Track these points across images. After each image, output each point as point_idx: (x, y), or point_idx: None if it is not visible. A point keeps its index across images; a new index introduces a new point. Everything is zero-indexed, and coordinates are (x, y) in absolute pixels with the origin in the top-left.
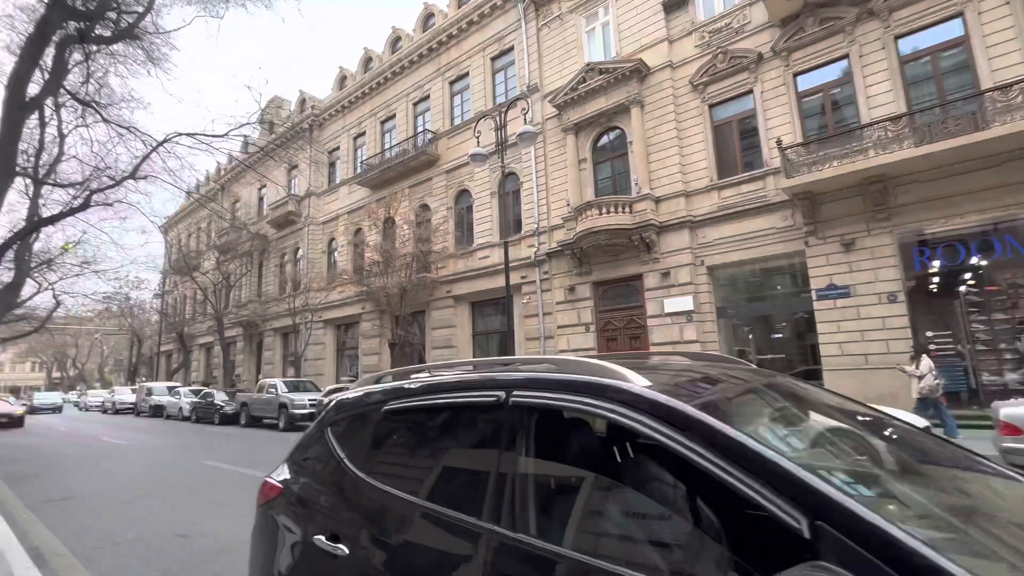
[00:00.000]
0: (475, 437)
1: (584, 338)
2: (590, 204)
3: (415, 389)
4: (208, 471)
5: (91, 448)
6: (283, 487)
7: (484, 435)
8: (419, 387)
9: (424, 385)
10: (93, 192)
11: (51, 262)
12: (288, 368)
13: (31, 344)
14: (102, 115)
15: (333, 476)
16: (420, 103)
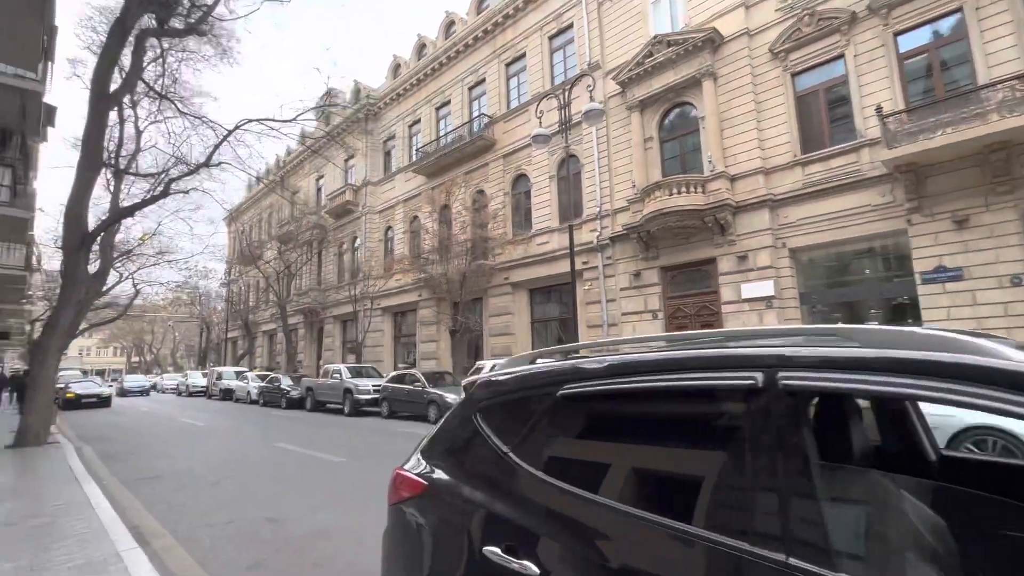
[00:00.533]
0: (713, 432)
1: (651, 326)
2: (659, 184)
3: (599, 370)
4: (284, 454)
5: (172, 429)
6: (427, 483)
7: (727, 430)
8: (605, 368)
9: (612, 365)
10: (171, 180)
11: (130, 252)
12: (347, 355)
13: (113, 331)
14: (178, 106)
15: (495, 472)
16: (475, 87)
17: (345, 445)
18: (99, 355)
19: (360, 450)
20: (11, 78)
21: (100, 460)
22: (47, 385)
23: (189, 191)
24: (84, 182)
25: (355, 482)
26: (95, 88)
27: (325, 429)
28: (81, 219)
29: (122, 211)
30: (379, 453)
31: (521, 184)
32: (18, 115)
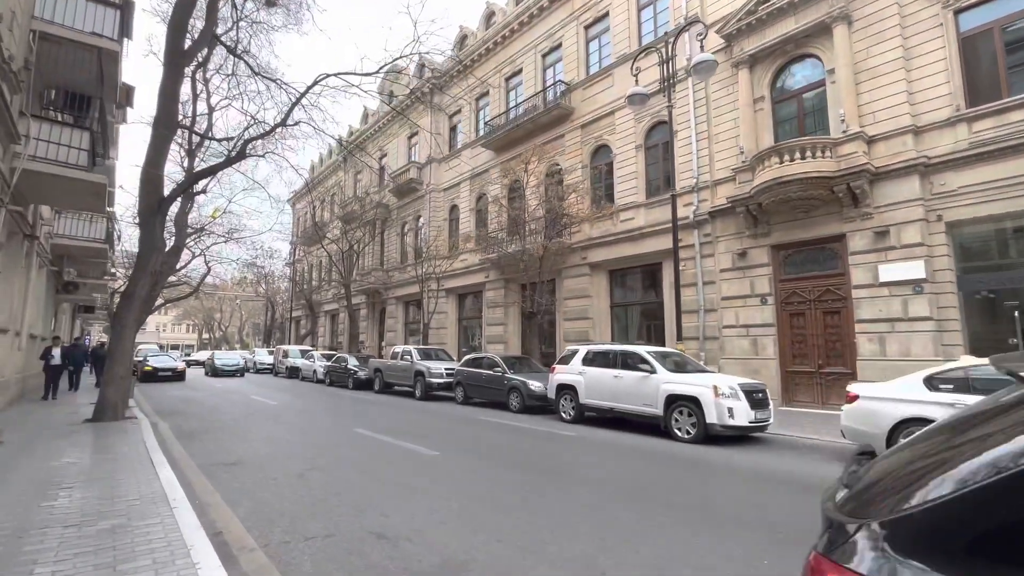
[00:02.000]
0: None
1: (759, 311)
2: (776, 150)
3: None
4: (365, 442)
5: (245, 407)
6: None
7: None
8: None
9: None
10: (247, 142)
11: (203, 229)
12: (409, 336)
13: (186, 308)
14: (251, 67)
15: None
16: (550, 54)
17: (431, 434)
18: (174, 331)
19: (451, 442)
20: (88, 36)
21: (176, 439)
22: (125, 358)
23: (265, 155)
24: (160, 141)
25: (465, 486)
26: (170, 42)
27: (401, 414)
28: (157, 182)
29: (199, 173)
30: (476, 448)
31: (601, 156)
32: (95, 79)
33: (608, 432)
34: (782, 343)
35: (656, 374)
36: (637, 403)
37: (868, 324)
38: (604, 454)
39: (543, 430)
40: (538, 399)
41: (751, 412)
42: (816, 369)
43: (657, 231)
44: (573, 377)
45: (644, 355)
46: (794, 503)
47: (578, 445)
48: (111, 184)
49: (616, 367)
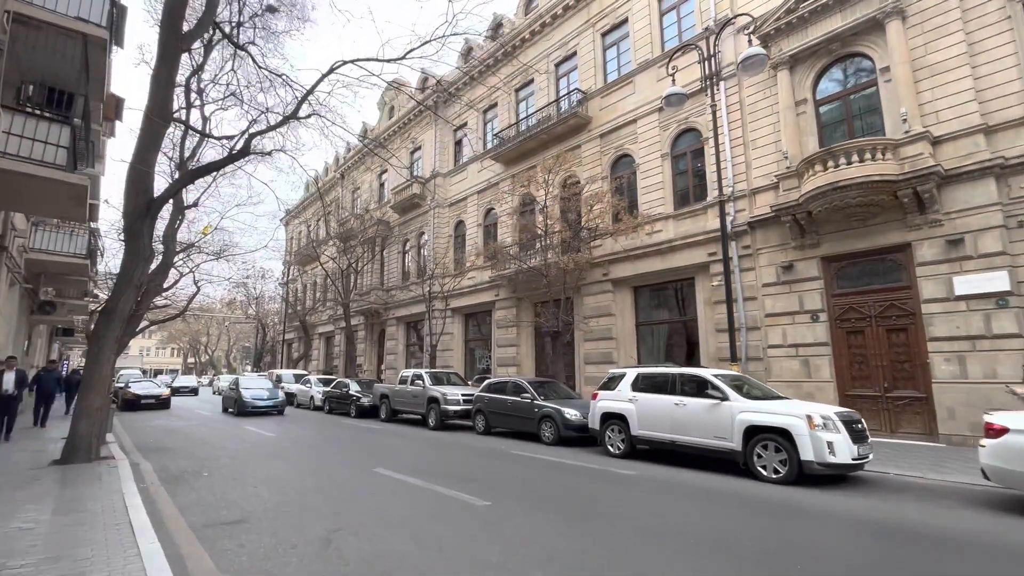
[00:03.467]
0: None
1: (810, 329)
2: (832, 152)
3: None
4: (393, 487)
5: (239, 439)
6: None
7: None
8: None
9: None
10: (252, 136)
11: (193, 246)
12: (410, 359)
13: (172, 331)
14: (255, 60)
15: None
16: (563, 63)
17: (465, 475)
18: (158, 355)
19: (495, 486)
20: (72, 20)
21: (162, 485)
22: (102, 384)
23: (271, 152)
24: (151, 135)
25: (545, 553)
26: (166, 22)
27: (420, 447)
28: (147, 181)
29: (196, 171)
30: (528, 493)
31: (622, 166)
32: (79, 72)
33: (671, 470)
34: (839, 364)
35: (729, 401)
36: (706, 435)
37: (943, 342)
38: (686, 500)
39: (595, 468)
40: (575, 429)
41: (853, 447)
42: (882, 393)
43: (688, 244)
44: (622, 405)
45: (711, 379)
46: (943, 566)
47: (645, 488)
48: (94, 195)
49: (675, 393)
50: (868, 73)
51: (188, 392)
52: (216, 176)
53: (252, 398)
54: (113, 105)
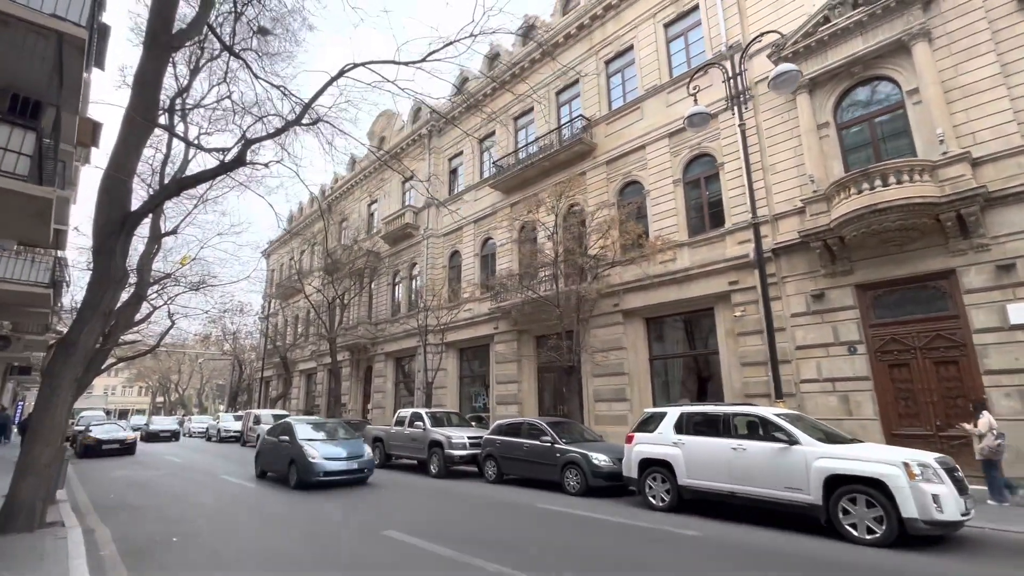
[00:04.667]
0: None
1: (847, 362)
2: (867, 174)
3: None
4: (414, 559)
5: (217, 493)
6: None
7: None
8: None
9: None
10: (249, 144)
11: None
12: (401, 398)
13: (140, 369)
14: (251, 68)
15: None
16: (565, 91)
17: (496, 538)
18: (124, 394)
19: (537, 552)
20: (46, 17)
21: (123, 560)
22: (54, 433)
23: (269, 164)
24: (132, 138)
25: None
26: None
27: (428, 501)
28: (123, 190)
29: (183, 181)
30: (581, 564)
31: (630, 193)
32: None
33: (733, 527)
34: (882, 400)
35: (800, 445)
36: (773, 486)
37: (1001, 375)
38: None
39: (644, 526)
40: (605, 478)
41: (960, 500)
42: (933, 432)
43: (706, 272)
44: (665, 450)
45: (774, 419)
46: None
47: (717, 553)
48: (62, 219)
49: (731, 435)
50: (893, 96)
51: (167, 437)
52: (199, 200)
53: (325, 457)
54: (89, 130)
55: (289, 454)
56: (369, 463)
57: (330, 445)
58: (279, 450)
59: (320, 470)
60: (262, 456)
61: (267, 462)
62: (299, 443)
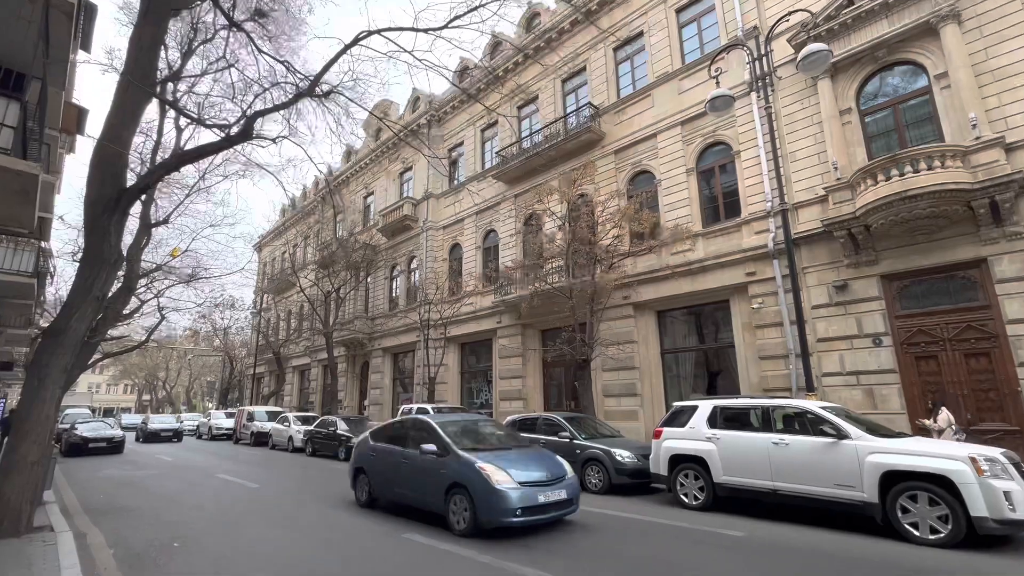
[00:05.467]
0: None
1: (872, 355)
2: (895, 160)
3: None
4: (444, 563)
5: (217, 494)
6: None
7: None
8: None
9: None
10: (256, 116)
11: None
12: (400, 393)
13: (126, 366)
14: (255, 43)
15: None
16: (571, 78)
17: (525, 543)
18: (109, 392)
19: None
20: None
21: (120, 569)
22: (41, 430)
23: (276, 139)
24: (127, 107)
25: None
26: None
27: None
28: (119, 163)
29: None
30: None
31: (640, 183)
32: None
33: (777, 526)
34: (909, 393)
35: (851, 440)
36: (822, 483)
37: None
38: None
39: (683, 526)
40: (630, 475)
41: None
42: (965, 426)
43: (722, 263)
44: (698, 445)
45: (820, 412)
46: None
47: (767, 555)
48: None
49: (771, 430)
50: (918, 80)
51: (169, 436)
52: (191, 190)
53: (520, 482)
54: (74, 116)
55: (448, 476)
56: (576, 488)
57: (516, 460)
58: (418, 468)
59: (514, 504)
60: (373, 474)
61: (384, 483)
62: (464, 457)
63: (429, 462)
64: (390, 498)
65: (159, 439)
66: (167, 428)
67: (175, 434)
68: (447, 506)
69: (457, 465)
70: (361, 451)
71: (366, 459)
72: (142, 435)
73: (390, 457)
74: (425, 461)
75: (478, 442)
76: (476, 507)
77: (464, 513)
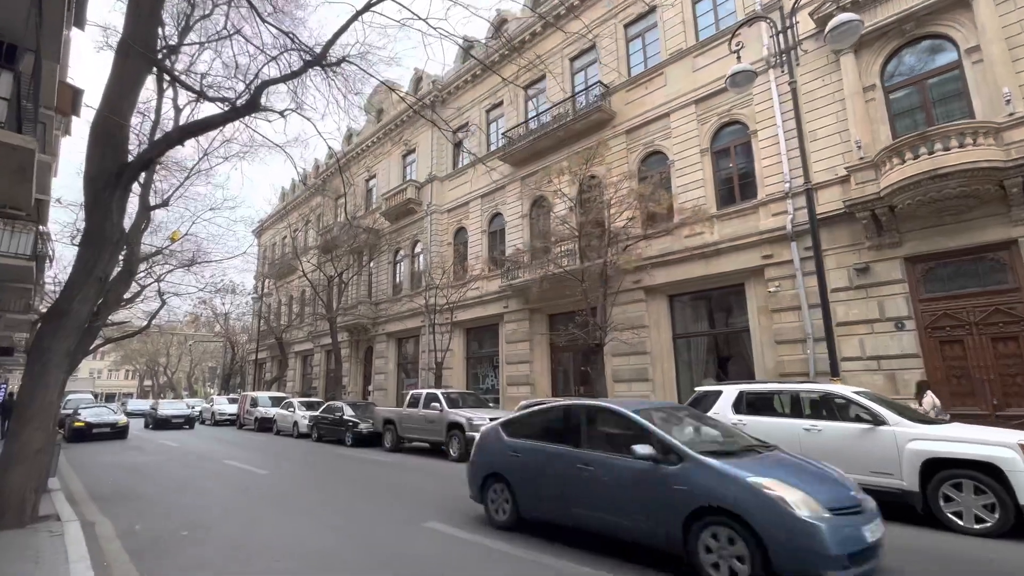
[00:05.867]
0: None
1: (894, 339)
2: (925, 137)
3: None
4: (472, 555)
5: (226, 480)
6: None
7: None
8: None
9: None
10: (264, 86)
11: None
12: (404, 379)
13: (127, 351)
14: (258, 12)
15: None
16: (580, 57)
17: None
18: (110, 377)
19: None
20: None
21: (132, 560)
22: (45, 416)
23: (285, 112)
24: (126, 77)
25: None
26: None
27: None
28: (119, 136)
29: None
30: None
31: (652, 164)
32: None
33: None
34: (933, 379)
35: (888, 426)
36: (857, 470)
37: None
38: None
39: None
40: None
41: None
42: (991, 412)
43: (737, 246)
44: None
45: (854, 397)
46: None
47: None
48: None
49: (801, 415)
50: (948, 54)
51: (180, 423)
52: (190, 172)
53: (168, 414)
54: (69, 96)
55: (690, 494)
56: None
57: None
58: (618, 480)
59: (834, 547)
60: (522, 483)
61: (545, 499)
62: (715, 467)
63: (640, 473)
64: (554, 519)
65: (170, 426)
66: (178, 415)
67: (187, 420)
68: (696, 544)
69: (705, 478)
70: (493, 449)
71: (505, 461)
72: (152, 422)
73: (554, 462)
74: (633, 471)
75: (702, 441)
76: (767, 550)
77: (733, 561)
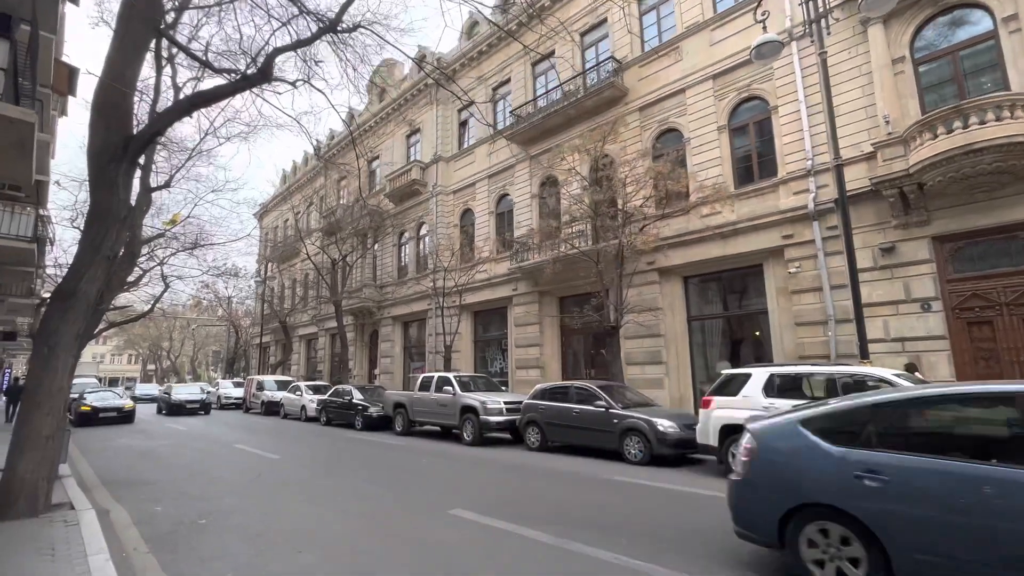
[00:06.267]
0: None
1: (920, 321)
2: (960, 110)
3: None
4: (506, 547)
5: (238, 465)
6: None
7: None
8: None
9: None
10: (276, 52)
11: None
12: (410, 362)
13: (130, 335)
14: None
15: None
16: (590, 32)
17: (586, 516)
18: (113, 362)
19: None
20: None
21: (153, 554)
22: (55, 401)
23: (296, 83)
24: (129, 42)
25: None
26: None
27: (477, 472)
28: (124, 106)
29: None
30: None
31: (666, 142)
32: None
33: None
34: (959, 361)
35: None
36: None
37: None
38: None
39: None
40: (672, 446)
41: None
42: None
43: (756, 226)
44: (752, 416)
45: (893, 379)
46: None
47: None
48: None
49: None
50: (983, 23)
51: (195, 409)
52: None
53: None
54: (65, 75)
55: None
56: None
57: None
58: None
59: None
60: (904, 531)
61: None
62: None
63: None
64: None
65: (184, 411)
66: (194, 399)
67: (202, 406)
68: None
69: None
70: (807, 467)
71: (844, 489)
72: (165, 407)
73: None
74: None
75: None
76: None
77: None
